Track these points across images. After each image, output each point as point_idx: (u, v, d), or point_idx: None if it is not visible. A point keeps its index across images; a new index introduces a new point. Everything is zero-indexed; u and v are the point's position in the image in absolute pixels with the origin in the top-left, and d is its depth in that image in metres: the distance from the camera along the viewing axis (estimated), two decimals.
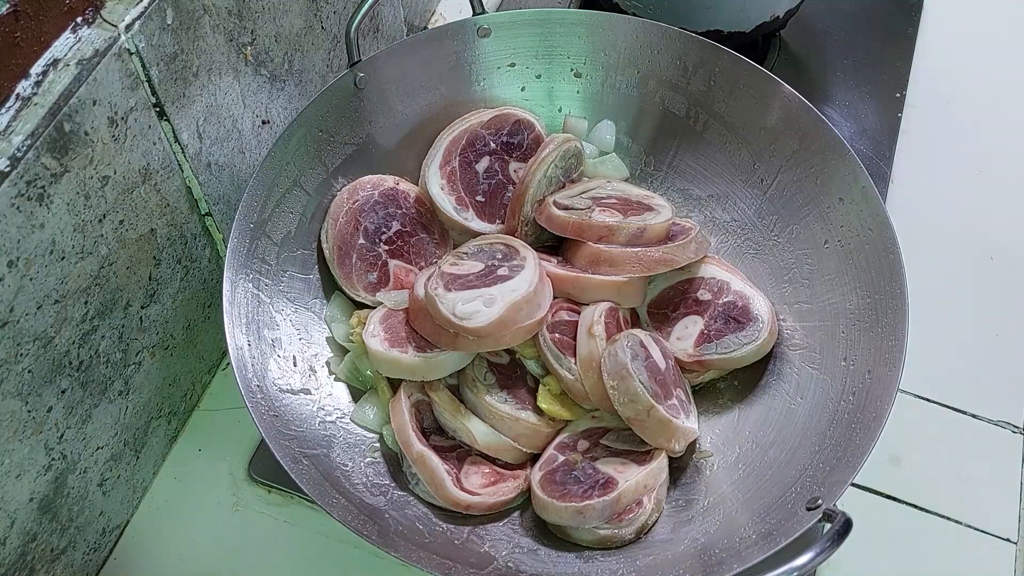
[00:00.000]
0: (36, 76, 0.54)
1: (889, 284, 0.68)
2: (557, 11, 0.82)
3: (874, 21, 1.09)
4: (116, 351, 0.66)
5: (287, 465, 0.60)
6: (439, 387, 0.72)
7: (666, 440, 0.68)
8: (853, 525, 0.55)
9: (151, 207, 0.66)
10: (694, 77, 0.80)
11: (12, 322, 0.55)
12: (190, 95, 0.66)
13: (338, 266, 0.75)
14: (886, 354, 0.66)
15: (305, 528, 0.74)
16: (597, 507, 0.64)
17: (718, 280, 0.76)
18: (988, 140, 0.99)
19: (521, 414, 0.71)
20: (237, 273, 0.68)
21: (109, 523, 0.72)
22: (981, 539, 0.75)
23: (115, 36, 0.57)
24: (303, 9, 0.77)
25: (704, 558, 0.62)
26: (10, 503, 0.60)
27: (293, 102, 0.80)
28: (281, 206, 0.73)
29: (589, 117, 0.85)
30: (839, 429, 0.65)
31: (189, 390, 0.79)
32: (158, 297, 0.70)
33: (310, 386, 0.72)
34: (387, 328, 0.72)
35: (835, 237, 0.73)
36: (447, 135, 0.81)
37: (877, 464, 0.75)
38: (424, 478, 0.67)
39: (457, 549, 0.65)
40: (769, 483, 0.66)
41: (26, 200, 0.53)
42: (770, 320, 0.73)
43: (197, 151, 0.69)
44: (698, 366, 0.74)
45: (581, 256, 0.75)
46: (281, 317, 0.72)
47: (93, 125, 0.57)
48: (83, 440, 0.65)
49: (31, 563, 0.64)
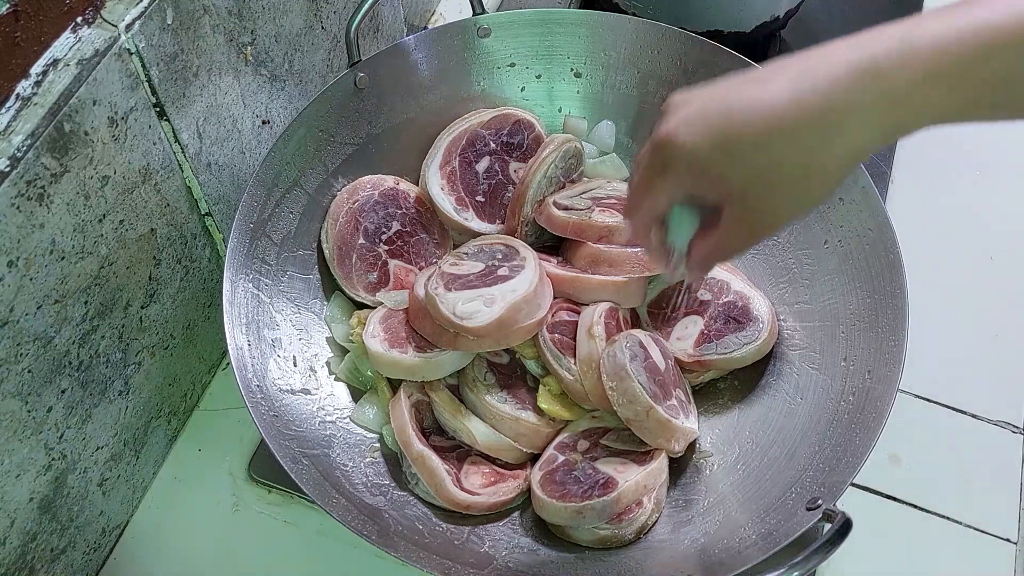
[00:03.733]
0: (36, 76, 0.54)
1: (889, 284, 0.68)
2: (557, 11, 0.82)
3: (874, 21, 1.09)
4: (116, 351, 0.66)
5: (287, 465, 0.60)
6: (439, 387, 0.72)
7: (666, 440, 0.68)
8: (853, 525, 0.55)
9: (151, 207, 0.66)
10: (694, 77, 0.80)
11: (12, 322, 0.55)
12: (190, 95, 0.66)
13: (338, 266, 0.75)
14: (886, 354, 0.66)
15: (305, 528, 0.74)
16: (597, 507, 0.64)
17: (718, 280, 0.77)
18: (988, 140, 0.99)
19: (521, 414, 0.71)
20: (237, 273, 0.68)
21: (109, 523, 0.72)
22: (981, 539, 0.75)
23: (115, 36, 0.57)
24: (303, 9, 0.77)
25: (704, 558, 0.62)
26: (10, 503, 0.60)
27: (293, 102, 0.80)
28: (281, 206, 0.73)
29: (589, 117, 0.85)
30: (839, 429, 0.65)
31: (189, 390, 0.79)
32: (158, 297, 0.70)
33: (310, 386, 0.71)
34: (387, 328, 0.72)
35: (835, 237, 0.73)
36: (447, 135, 0.81)
37: (877, 464, 0.75)
38: (424, 478, 0.67)
39: (457, 549, 0.65)
40: (769, 483, 0.66)
41: (26, 200, 0.53)
42: (770, 320, 0.73)
43: (197, 151, 0.69)
44: (698, 366, 0.74)
45: (581, 256, 0.75)
46: (281, 317, 0.72)
47: (93, 125, 0.57)
48: (83, 440, 0.65)
49: (31, 563, 0.64)
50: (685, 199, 0.49)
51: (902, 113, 0.42)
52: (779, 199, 0.45)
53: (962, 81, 0.41)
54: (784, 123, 0.42)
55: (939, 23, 0.41)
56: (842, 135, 0.42)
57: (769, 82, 0.43)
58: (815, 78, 0.42)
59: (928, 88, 0.41)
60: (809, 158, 0.43)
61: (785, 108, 0.42)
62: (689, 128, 0.44)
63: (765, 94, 0.42)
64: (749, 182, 0.44)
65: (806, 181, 0.44)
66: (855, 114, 0.42)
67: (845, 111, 0.41)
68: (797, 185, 0.44)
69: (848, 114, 0.42)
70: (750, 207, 0.46)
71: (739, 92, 0.44)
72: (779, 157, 0.43)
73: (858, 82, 0.41)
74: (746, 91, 0.44)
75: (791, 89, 0.42)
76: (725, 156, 0.44)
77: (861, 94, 0.41)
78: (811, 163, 0.43)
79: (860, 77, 0.41)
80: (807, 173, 0.44)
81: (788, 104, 0.42)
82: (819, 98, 0.41)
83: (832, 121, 0.42)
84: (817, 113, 0.41)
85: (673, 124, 0.45)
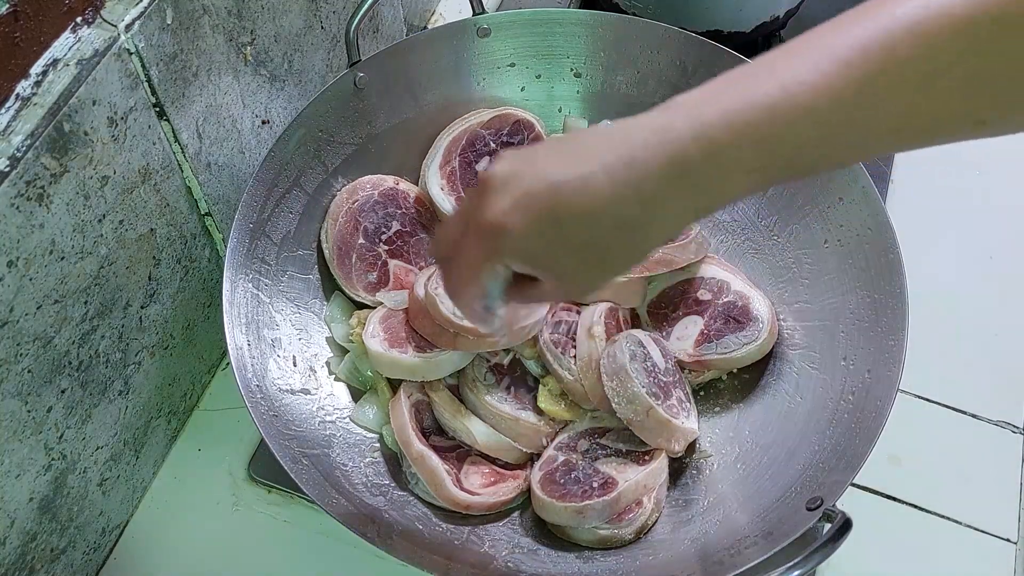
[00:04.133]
0: (36, 76, 0.54)
1: (889, 284, 0.68)
2: (557, 11, 0.82)
3: None
4: (116, 351, 0.66)
5: (287, 465, 0.60)
6: (439, 387, 0.71)
7: (665, 440, 0.68)
8: (853, 525, 0.55)
9: (151, 207, 0.66)
10: (694, 77, 0.80)
11: (12, 322, 0.55)
12: (190, 95, 0.66)
13: (338, 266, 0.75)
14: (886, 354, 0.66)
15: (305, 528, 0.74)
16: (597, 507, 0.64)
17: (718, 280, 0.76)
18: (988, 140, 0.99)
19: (521, 414, 0.71)
20: (237, 273, 0.68)
21: (109, 523, 0.72)
22: (981, 539, 0.75)
23: (115, 36, 0.57)
24: (303, 9, 0.77)
25: (704, 558, 0.62)
26: (10, 503, 0.60)
27: (293, 102, 0.80)
28: (281, 206, 0.73)
29: (589, 117, 0.85)
30: (839, 429, 0.65)
31: (189, 390, 0.79)
32: (158, 297, 0.70)
33: (310, 386, 0.71)
34: (387, 328, 0.72)
35: (835, 237, 0.73)
36: (447, 135, 0.81)
37: (877, 464, 0.75)
38: (424, 478, 0.67)
39: (457, 549, 0.65)
40: (769, 483, 0.66)
41: (26, 200, 0.53)
42: (770, 320, 0.73)
43: (197, 151, 0.69)
44: (698, 366, 0.74)
45: None
46: (281, 317, 0.72)
47: (93, 125, 0.57)
48: (83, 440, 0.65)
49: (31, 563, 0.64)
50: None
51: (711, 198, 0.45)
52: (597, 274, 0.49)
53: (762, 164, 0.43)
54: (608, 219, 0.45)
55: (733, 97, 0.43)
56: (659, 224, 0.46)
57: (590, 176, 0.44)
58: (629, 171, 0.44)
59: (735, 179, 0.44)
60: (630, 246, 0.47)
61: (608, 201, 0.44)
62: (517, 220, 0.46)
63: (588, 191, 0.44)
64: (572, 264, 0.47)
65: (624, 258, 0.48)
66: (666, 207, 0.45)
67: (660, 206, 0.44)
68: (615, 262, 0.48)
69: (660, 208, 0.45)
70: (569, 280, 0.49)
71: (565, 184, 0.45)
72: (603, 244, 0.46)
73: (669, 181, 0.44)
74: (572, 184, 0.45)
75: (610, 183, 0.44)
76: (552, 245, 0.46)
77: (673, 191, 0.44)
78: (630, 249, 0.47)
79: (669, 173, 0.43)
80: (626, 256, 0.48)
81: (610, 198, 0.44)
82: (635, 193, 0.44)
83: (648, 213, 0.45)
84: (636, 210, 0.44)
85: (500, 210, 0.46)
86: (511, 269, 0.49)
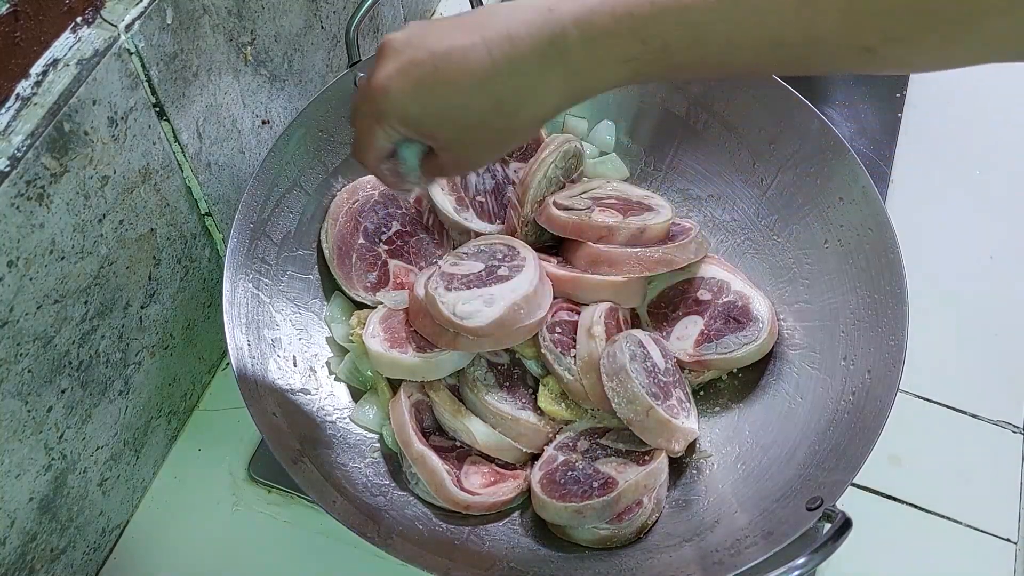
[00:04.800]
0: (36, 76, 0.54)
1: (889, 284, 0.68)
2: None
3: None
4: (116, 351, 0.66)
5: (287, 465, 0.60)
6: (439, 387, 0.71)
7: (665, 440, 0.68)
8: (853, 525, 0.55)
9: (151, 207, 0.66)
10: None
11: (12, 322, 0.55)
12: (190, 95, 0.66)
13: (338, 266, 0.75)
14: (886, 354, 0.66)
15: (305, 528, 0.74)
16: (597, 507, 0.64)
17: (718, 280, 0.76)
18: (988, 140, 0.99)
19: (521, 414, 0.71)
20: (237, 273, 0.68)
21: (109, 523, 0.72)
22: (981, 539, 0.75)
23: (115, 36, 0.57)
24: (303, 9, 0.77)
25: (704, 558, 0.62)
26: (10, 503, 0.60)
27: (293, 102, 0.80)
28: (281, 206, 0.73)
29: (589, 117, 0.85)
30: (839, 429, 0.65)
31: (189, 390, 0.79)
32: (158, 297, 0.70)
33: (310, 386, 0.71)
34: (387, 328, 0.72)
35: (835, 237, 0.73)
36: None
37: (877, 464, 0.75)
38: (424, 478, 0.67)
39: (457, 549, 0.65)
40: (769, 483, 0.66)
41: (26, 200, 0.53)
42: (770, 320, 0.73)
43: (197, 151, 0.69)
44: (698, 366, 0.74)
45: (581, 256, 0.75)
46: (281, 317, 0.72)
47: (93, 125, 0.57)
48: (83, 440, 0.65)
49: (31, 563, 0.64)
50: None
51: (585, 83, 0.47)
52: (478, 150, 0.52)
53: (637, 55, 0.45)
54: (484, 91, 0.47)
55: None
56: (533, 101, 0.48)
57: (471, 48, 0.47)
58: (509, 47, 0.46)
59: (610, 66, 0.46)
60: (505, 120, 0.49)
61: (485, 77, 0.47)
62: (400, 85, 0.48)
63: (468, 62, 0.47)
64: (453, 137, 0.50)
65: (501, 136, 0.50)
66: (543, 86, 0.47)
67: (535, 83, 0.47)
68: (494, 139, 0.51)
69: (537, 87, 0.47)
70: (454, 153, 0.52)
71: (447, 54, 0.47)
72: (479, 119, 0.48)
73: (546, 59, 0.46)
74: (453, 55, 0.47)
75: (489, 60, 0.46)
76: (431, 116, 0.49)
77: (548, 70, 0.46)
78: (506, 124, 0.49)
79: (547, 52, 0.45)
80: (503, 131, 0.50)
81: (488, 74, 0.46)
82: (510, 67, 0.46)
83: (524, 90, 0.47)
84: (511, 85, 0.47)
85: (384, 76, 0.49)
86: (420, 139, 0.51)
